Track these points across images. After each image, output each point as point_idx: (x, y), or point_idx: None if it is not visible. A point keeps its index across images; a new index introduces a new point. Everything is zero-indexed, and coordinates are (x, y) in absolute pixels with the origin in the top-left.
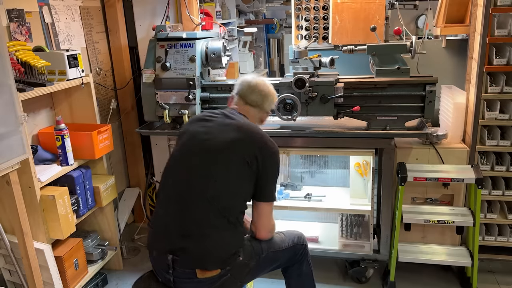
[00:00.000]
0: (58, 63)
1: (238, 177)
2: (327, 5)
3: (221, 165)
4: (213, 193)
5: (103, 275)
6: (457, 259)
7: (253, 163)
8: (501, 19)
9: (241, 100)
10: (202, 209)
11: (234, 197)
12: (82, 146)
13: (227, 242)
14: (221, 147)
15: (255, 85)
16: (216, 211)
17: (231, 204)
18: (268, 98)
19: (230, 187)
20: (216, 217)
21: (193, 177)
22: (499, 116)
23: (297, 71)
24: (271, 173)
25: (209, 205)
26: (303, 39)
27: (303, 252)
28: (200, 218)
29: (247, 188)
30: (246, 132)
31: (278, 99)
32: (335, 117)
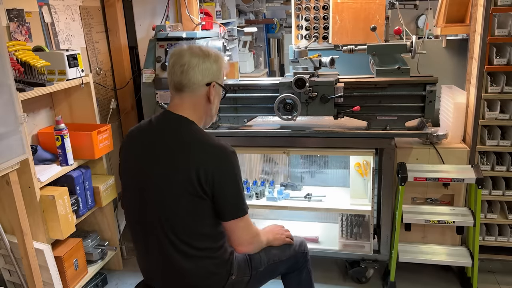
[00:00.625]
0: (58, 63)
1: (191, 208)
2: (327, 4)
3: (168, 200)
4: (172, 230)
5: (103, 275)
6: (457, 259)
7: (198, 188)
8: (501, 19)
9: (171, 88)
10: (165, 249)
11: (196, 229)
12: (82, 146)
13: (207, 271)
14: (157, 179)
15: (174, 60)
16: (180, 249)
17: (194, 237)
18: (195, 69)
19: (188, 220)
20: (184, 254)
21: (144, 212)
22: (499, 116)
23: (297, 71)
24: (228, 187)
25: (170, 244)
26: (303, 39)
27: (304, 259)
28: (167, 258)
29: (206, 213)
30: (177, 153)
31: (278, 99)
32: (335, 117)
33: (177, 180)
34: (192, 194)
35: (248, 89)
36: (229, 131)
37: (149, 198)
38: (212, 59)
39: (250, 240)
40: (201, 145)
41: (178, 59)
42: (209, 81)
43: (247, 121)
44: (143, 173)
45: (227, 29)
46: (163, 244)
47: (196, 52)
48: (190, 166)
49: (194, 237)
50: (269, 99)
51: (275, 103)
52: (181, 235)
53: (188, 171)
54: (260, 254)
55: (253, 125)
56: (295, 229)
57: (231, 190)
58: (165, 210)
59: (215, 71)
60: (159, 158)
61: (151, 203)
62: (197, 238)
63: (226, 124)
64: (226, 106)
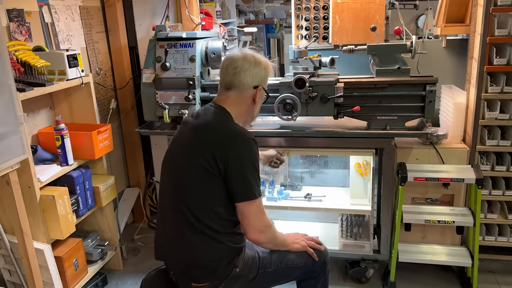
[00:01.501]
0: (58, 63)
1: (204, 183)
2: (327, 5)
3: (185, 173)
4: (184, 202)
5: (103, 275)
6: (457, 259)
7: (213, 165)
8: (501, 19)
9: (220, 87)
10: (177, 220)
11: (206, 204)
12: (82, 146)
13: (210, 253)
14: (181, 155)
15: (228, 62)
16: (189, 221)
17: (204, 212)
18: (246, 72)
19: (200, 194)
20: (192, 227)
21: (168, 188)
22: (499, 116)
23: (297, 71)
24: (241, 169)
25: (182, 215)
26: (303, 39)
27: (322, 269)
28: (177, 229)
29: (218, 193)
30: (201, 134)
31: (278, 99)
32: (335, 117)
33: (194, 153)
34: (205, 168)
35: None
36: None
37: (168, 169)
38: (262, 66)
39: (262, 228)
40: (225, 129)
41: (232, 62)
42: (257, 84)
43: None
44: (175, 150)
45: (227, 29)
46: (174, 213)
47: (249, 58)
48: (210, 146)
49: (204, 212)
50: (269, 99)
51: (275, 103)
52: (191, 206)
53: (208, 149)
54: (272, 255)
55: (253, 125)
56: (295, 229)
57: (244, 173)
58: (179, 179)
59: (263, 77)
60: (190, 138)
61: (168, 173)
62: (206, 215)
63: None
64: None
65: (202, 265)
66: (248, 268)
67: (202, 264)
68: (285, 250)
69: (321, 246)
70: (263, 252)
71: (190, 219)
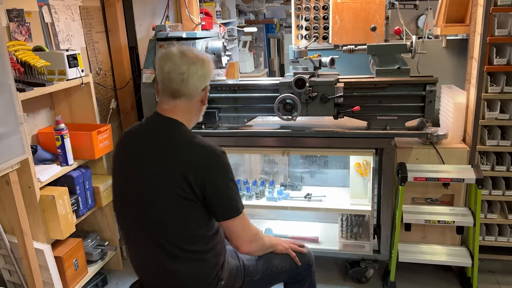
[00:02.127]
0: (58, 63)
1: (183, 212)
2: (327, 4)
3: (159, 205)
4: (164, 237)
5: (103, 275)
6: (457, 259)
7: (188, 191)
8: (501, 19)
9: (163, 94)
10: (154, 253)
11: (188, 231)
12: (82, 146)
13: (196, 276)
14: (148, 183)
15: (171, 67)
16: (172, 253)
17: (187, 239)
18: (194, 77)
19: (180, 225)
20: (174, 257)
21: (134, 217)
22: (499, 116)
23: (297, 71)
24: (219, 189)
25: (161, 248)
26: (303, 39)
27: (307, 272)
28: (155, 261)
29: (198, 216)
30: (165, 155)
31: (278, 99)
32: (335, 117)
33: (167, 184)
34: (183, 197)
35: (248, 89)
36: (229, 131)
37: (138, 202)
38: (206, 64)
39: (251, 239)
40: (191, 147)
41: (175, 66)
42: (205, 85)
43: (247, 121)
44: (133, 178)
45: (227, 29)
46: (153, 247)
47: (192, 59)
48: (181, 170)
49: (185, 239)
50: (269, 99)
51: (275, 103)
52: (172, 238)
53: (179, 174)
54: (257, 262)
55: (253, 125)
56: (295, 229)
57: (223, 192)
58: (155, 214)
59: (209, 75)
60: (149, 162)
61: (140, 207)
62: (188, 241)
63: (226, 124)
64: (226, 106)
65: (189, 287)
66: (233, 278)
67: (189, 286)
68: (271, 251)
69: (304, 249)
70: (247, 260)
71: (173, 251)
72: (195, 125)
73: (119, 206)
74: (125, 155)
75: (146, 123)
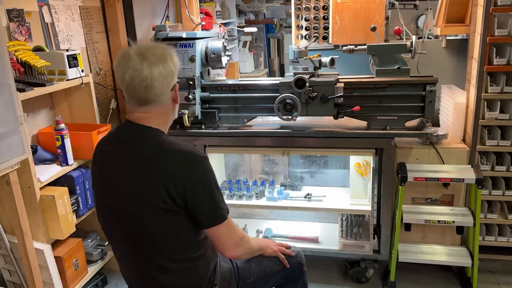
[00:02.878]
0: (58, 63)
1: (169, 226)
2: (327, 4)
3: (144, 223)
4: (155, 254)
5: (103, 275)
6: (457, 259)
7: (170, 203)
8: (501, 19)
9: (130, 102)
10: (145, 270)
11: (177, 243)
12: (82, 146)
13: (190, 284)
14: (129, 200)
15: (131, 75)
16: (163, 267)
17: (177, 251)
18: (159, 80)
19: (168, 239)
20: (166, 271)
21: (120, 236)
22: (499, 116)
23: (297, 71)
24: (202, 197)
25: (152, 265)
26: (303, 39)
27: (300, 271)
28: (146, 277)
29: (184, 226)
30: (144, 168)
31: (278, 99)
32: (335, 117)
33: (148, 197)
34: (165, 210)
35: (248, 89)
36: (229, 131)
37: (121, 216)
38: (169, 60)
39: (237, 243)
40: (169, 155)
41: (136, 73)
42: (173, 84)
43: (247, 121)
44: (113, 192)
45: (227, 29)
46: (141, 261)
47: (151, 60)
48: (160, 180)
49: (174, 249)
50: (269, 99)
51: (275, 103)
52: (160, 250)
53: (158, 185)
54: (251, 264)
55: (253, 125)
56: (295, 229)
57: (205, 199)
58: (139, 227)
59: (175, 71)
60: (127, 176)
61: (123, 221)
62: (177, 250)
63: (226, 124)
64: (226, 106)
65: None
66: (227, 282)
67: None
68: (260, 254)
69: (291, 251)
70: (240, 263)
71: (162, 263)
72: (195, 125)
73: (102, 220)
74: (102, 170)
75: (121, 134)
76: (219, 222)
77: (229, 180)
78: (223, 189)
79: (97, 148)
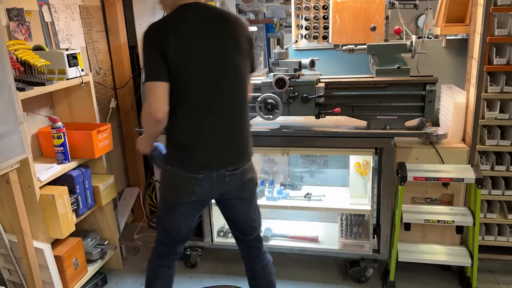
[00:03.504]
0: (58, 62)
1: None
2: (327, 4)
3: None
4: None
5: (103, 275)
6: (457, 258)
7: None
8: (501, 19)
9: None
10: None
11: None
12: (81, 145)
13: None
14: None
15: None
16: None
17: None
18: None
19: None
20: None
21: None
22: (499, 115)
23: (279, 73)
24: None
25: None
26: (303, 38)
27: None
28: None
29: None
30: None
31: (260, 99)
32: (316, 116)
33: (240, 48)
34: (247, 57)
35: None
36: None
37: (225, 71)
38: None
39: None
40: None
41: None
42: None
43: None
44: (214, 53)
45: None
46: (237, 109)
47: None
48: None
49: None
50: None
51: (257, 103)
52: (246, 99)
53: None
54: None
55: (253, 125)
56: (295, 229)
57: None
58: (239, 76)
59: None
60: (224, 36)
61: (226, 75)
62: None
63: None
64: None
65: (249, 151)
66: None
67: (249, 150)
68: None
69: None
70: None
71: (247, 110)
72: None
73: (196, 86)
74: (193, 39)
75: (195, 10)
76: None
77: None
78: None
79: (163, 25)
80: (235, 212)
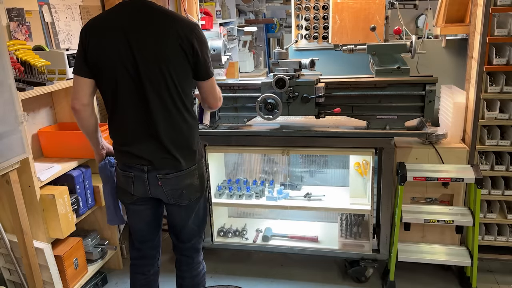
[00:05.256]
0: (58, 62)
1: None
2: (327, 4)
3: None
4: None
5: (103, 274)
6: (456, 258)
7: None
8: (501, 19)
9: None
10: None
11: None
12: (82, 145)
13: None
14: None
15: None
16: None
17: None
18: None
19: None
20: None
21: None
22: (498, 115)
23: (279, 73)
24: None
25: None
26: (303, 38)
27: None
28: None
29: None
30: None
31: (260, 99)
32: (316, 116)
33: (165, 51)
34: (181, 60)
35: (248, 89)
36: (229, 130)
37: (147, 69)
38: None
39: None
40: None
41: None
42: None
43: (247, 121)
44: (126, 55)
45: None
46: (162, 115)
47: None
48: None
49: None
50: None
51: (257, 103)
52: (177, 105)
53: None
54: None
55: (253, 125)
56: (295, 229)
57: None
58: (160, 80)
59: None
60: (142, 37)
61: (148, 72)
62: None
63: (226, 124)
64: (226, 106)
65: (190, 149)
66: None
67: (190, 148)
68: None
69: None
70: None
71: (181, 109)
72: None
73: (122, 88)
74: (112, 38)
75: (123, 8)
76: (210, 76)
77: (229, 179)
78: (223, 189)
79: (91, 25)
80: (173, 217)
